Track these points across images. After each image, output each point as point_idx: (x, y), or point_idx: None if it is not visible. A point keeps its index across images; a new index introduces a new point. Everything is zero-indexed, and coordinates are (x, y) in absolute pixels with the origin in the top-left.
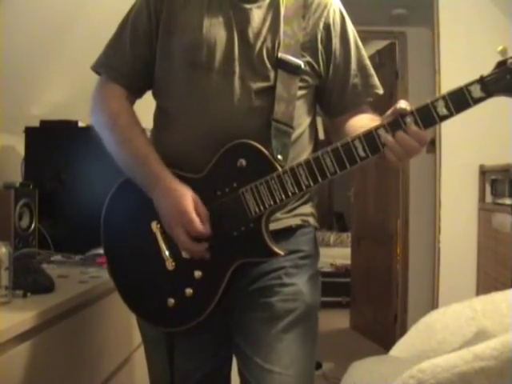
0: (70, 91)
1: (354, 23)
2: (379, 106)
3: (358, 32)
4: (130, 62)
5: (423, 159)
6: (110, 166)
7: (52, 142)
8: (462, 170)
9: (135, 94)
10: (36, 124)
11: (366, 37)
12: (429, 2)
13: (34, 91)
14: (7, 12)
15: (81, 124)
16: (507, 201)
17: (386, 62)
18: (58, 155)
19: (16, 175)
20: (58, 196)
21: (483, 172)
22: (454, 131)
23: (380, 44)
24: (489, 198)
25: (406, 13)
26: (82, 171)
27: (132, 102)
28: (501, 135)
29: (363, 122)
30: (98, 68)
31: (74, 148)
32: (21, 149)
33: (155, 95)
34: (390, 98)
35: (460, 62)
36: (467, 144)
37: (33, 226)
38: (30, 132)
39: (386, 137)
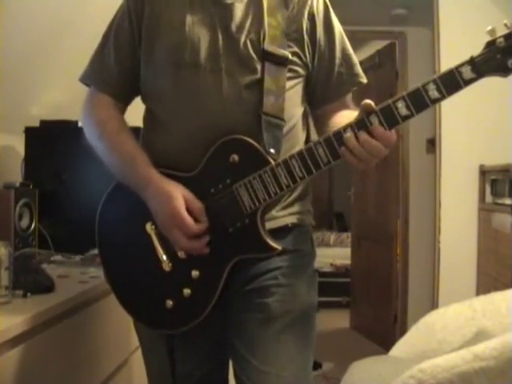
0: (69, 91)
1: (354, 23)
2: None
3: (358, 32)
4: (116, 72)
5: (423, 159)
6: None
7: (52, 142)
8: (462, 170)
9: (124, 101)
10: (36, 124)
11: (365, 37)
12: (429, 1)
13: (34, 91)
14: (7, 12)
15: (81, 124)
16: (507, 201)
17: (386, 61)
18: (58, 155)
19: (16, 175)
20: (58, 196)
21: (483, 172)
22: (454, 131)
23: (380, 44)
24: (489, 198)
25: (405, 13)
26: (82, 171)
27: (122, 110)
28: (501, 135)
29: (347, 118)
30: (85, 80)
31: (74, 148)
32: (21, 149)
33: (144, 99)
34: (390, 97)
35: (460, 61)
36: (467, 144)
37: (33, 226)
38: (29, 132)
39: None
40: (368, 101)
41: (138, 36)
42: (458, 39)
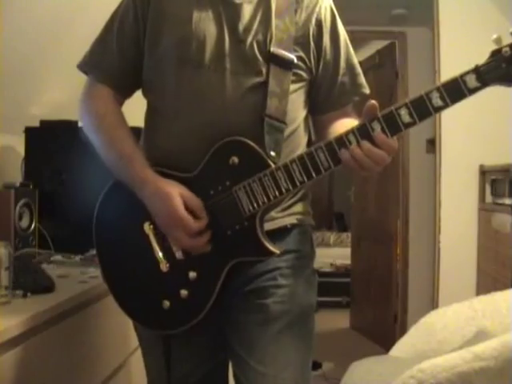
0: (69, 91)
1: (354, 23)
2: (379, 106)
3: (358, 32)
4: (117, 62)
5: (423, 159)
6: None
7: (52, 142)
8: (462, 170)
9: (123, 93)
10: (36, 124)
11: (365, 37)
12: (429, 1)
13: (34, 91)
14: (7, 12)
15: (81, 124)
16: (507, 201)
17: (386, 61)
18: (58, 155)
19: (16, 175)
20: (58, 196)
21: (483, 172)
22: (454, 131)
23: (380, 44)
24: (489, 198)
25: (406, 13)
26: (82, 171)
27: (120, 102)
28: (501, 135)
29: (346, 127)
30: (83, 67)
31: (74, 148)
32: (21, 149)
33: (145, 94)
34: (390, 97)
35: (460, 61)
36: (467, 144)
37: (33, 225)
38: (29, 132)
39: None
40: (373, 101)
41: (143, 27)
42: (458, 39)
